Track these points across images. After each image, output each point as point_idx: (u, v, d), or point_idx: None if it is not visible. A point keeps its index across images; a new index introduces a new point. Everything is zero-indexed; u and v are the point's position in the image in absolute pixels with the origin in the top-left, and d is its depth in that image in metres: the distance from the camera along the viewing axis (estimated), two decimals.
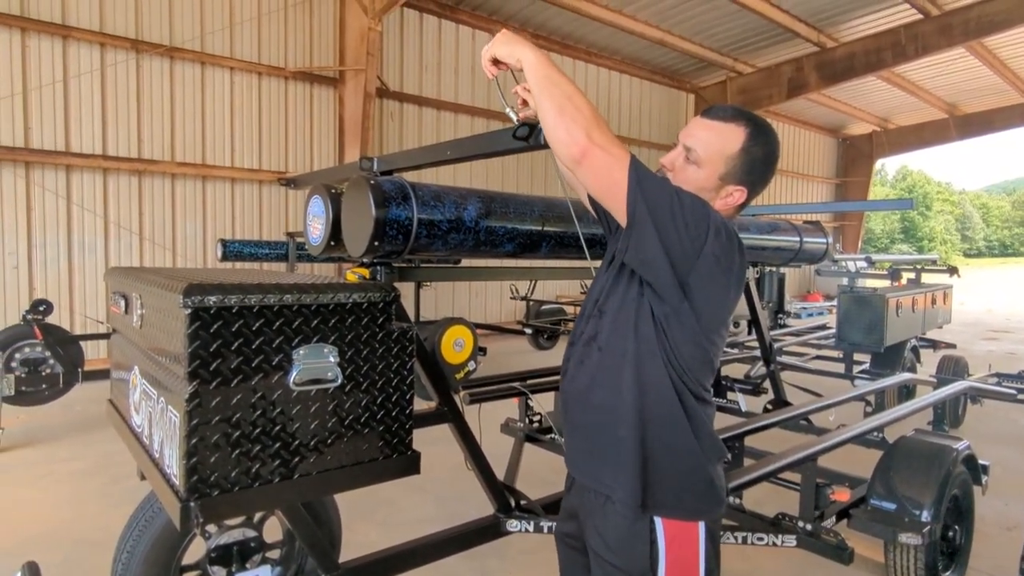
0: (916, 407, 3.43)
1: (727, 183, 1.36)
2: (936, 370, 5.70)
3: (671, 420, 1.32)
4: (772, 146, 1.38)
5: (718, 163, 1.34)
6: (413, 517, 3.45)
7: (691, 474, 1.34)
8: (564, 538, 1.57)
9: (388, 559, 2.08)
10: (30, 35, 6.68)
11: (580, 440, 1.45)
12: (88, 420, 5.12)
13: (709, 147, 1.35)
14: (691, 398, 1.32)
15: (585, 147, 1.18)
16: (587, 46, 12.02)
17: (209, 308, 1.32)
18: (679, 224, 1.20)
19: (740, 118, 1.36)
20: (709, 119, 1.37)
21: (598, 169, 1.21)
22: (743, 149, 1.34)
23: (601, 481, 1.38)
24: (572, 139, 1.19)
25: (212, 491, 1.36)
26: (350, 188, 1.92)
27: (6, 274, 6.70)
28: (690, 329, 1.29)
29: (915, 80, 14.59)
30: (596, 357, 1.40)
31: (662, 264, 1.22)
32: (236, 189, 8.21)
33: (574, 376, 1.45)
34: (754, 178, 1.37)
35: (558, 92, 1.22)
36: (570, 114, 1.20)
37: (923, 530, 2.40)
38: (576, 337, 1.49)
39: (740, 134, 1.34)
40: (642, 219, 1.20)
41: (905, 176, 55.01)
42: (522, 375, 3.21)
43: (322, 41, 8.78)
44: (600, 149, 1.19)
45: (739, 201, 1.39)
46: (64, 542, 3.07)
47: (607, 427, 1.36)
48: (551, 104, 1.22)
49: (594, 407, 1.39)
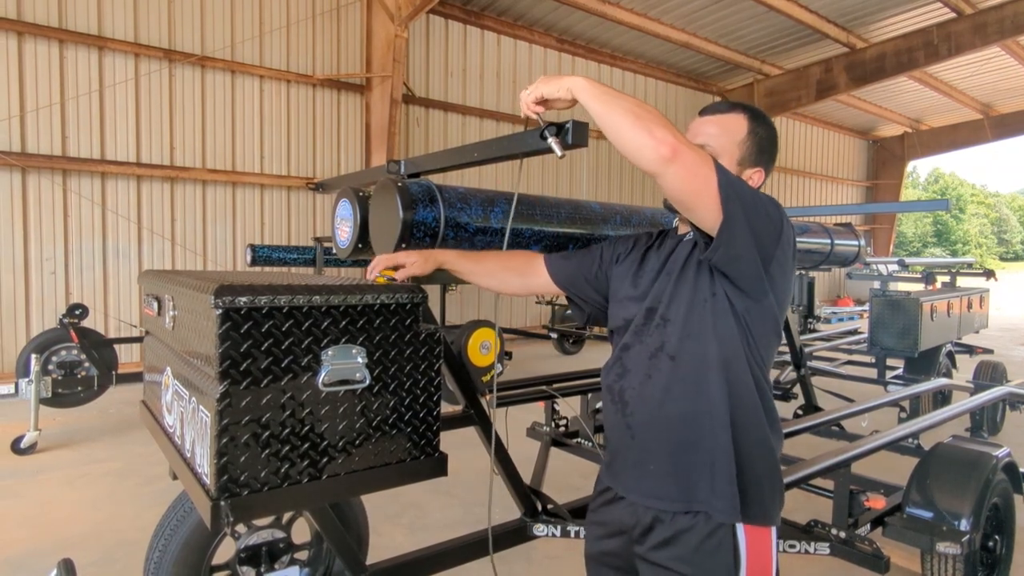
0: (953, 413, 3.34)
1: (745, 167, 1.41)
2: (973, 375, 5.55)
3: (756, 419, 1.32)
4: (772, 125, 1.45)
5: (732, 151, 1.39)
6: (439, 521, 3.45)
7: (772, 474, 1.34)
8: (602, 557, 1.48)
9: (415, 562, 2.08)
10: (68, 46, 6.87)
11: (659, 463, 1.35)
12: (122, 422, 5.23)
13: (720, 138, 1.40)
14: (766, 389, 1.34)
15: (674, 145, 1.17)
16: (612, 50, 11.99)
17: (240, 309, 1.33)
18: (762, 215, 1.24)
19: (736, 107, 1.43)
20: (709, 115, 1.44)
21: (689, 167, 1.18)
22: (750, 132, 1.40)
23: (693, 499, 1.31)
24: (659, 140, 1.16)
25: (242, 491, 1.37)
26: (378, 191, 1.93)
27: (44, 279, 6.89)
28: (771, 319, 1.32)
29: (948, 80, 14.27)
30: (667, 368, 1.34)
31: (751, 258, 1.25)
32: (265, 195, 8.35)
33: (641, 395, 1.38)
34: (766, 157, 1.43)
35: (624, 102, 1.21)
36: (646, 119, 1.18)
37: (962, 539, 2.32)
38: (615, 360, 1.44)
39: (742, 120, 1.41)
40: (735, 215, 1.21)
41: (938, 178, 53.82)
42: (548, 379, 3.20)
43: (349, 48, 8.89)
44: (687, 147, 1.18)
45: (759, 183, 1.43)
46: (100, 542, 3.13)
47: (696, 440, 1.31)
48: (623, 113, 1.19)
49: (676, 422, 1.33)
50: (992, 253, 50.65)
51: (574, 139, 1.33)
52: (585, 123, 1.36)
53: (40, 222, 6.83)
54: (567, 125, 1.33)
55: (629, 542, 1.38)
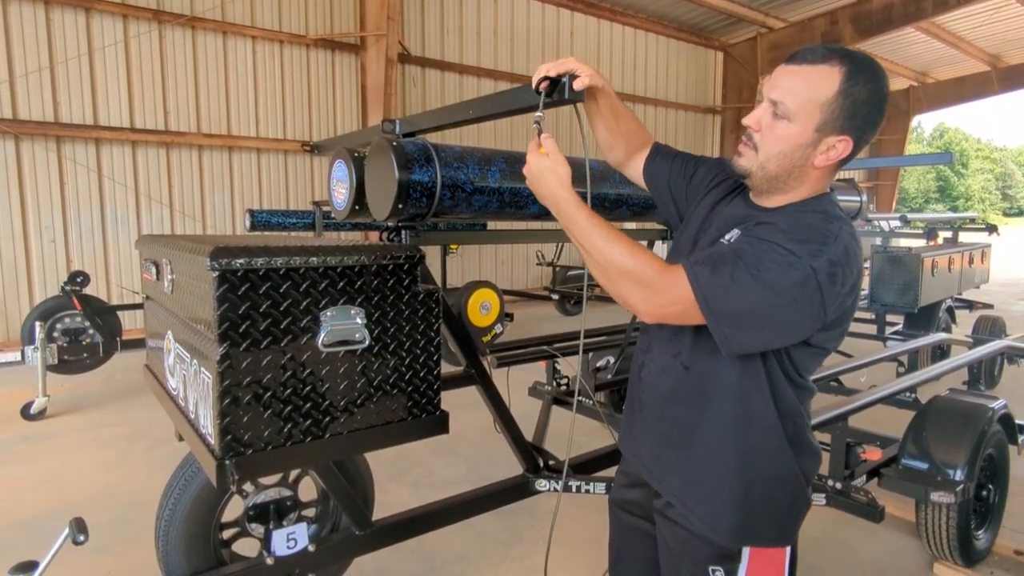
0: (950, 366, 3.37)
1: (826, 134, 1.14)
2: (972, 330, 5.58)
3: (774, 448, 1.22)
4: (879, 82, 1.14)
5: (813, 112, 1.13)
6: (444, 478, 3.51)
7: (792, 498, 1.25)
8: (624, 504, 1.50)
9: (420, 517, 2.13)
10: (53, 8, 6.72)
11: (652, 443, 1.36)
12: (129, 387, 5.29)
13: (799, 96, 1.14)
14: (796, 416, 1.24)
15: (651, 314, 1.14)
16: (611, 5, 11.71)
17: (236, 271, 1.33)
18: (780, 309, 1.07)
19: (833, 56, 1.13)
20: (795, 64, 1.16)
21: (674, 320, 1.16)
22: (841, 91, 1.12)
23: (674, 495, 1.29)
24: (632, 307, 1.14)
25: (246, 450, 1.40)
26: (373, 151, 1.91)
27: (44, 247, 6.88)
28: (819, 343, 1.20)
29: (956, 31, 13.94)
30: (679, 373, 1.28)
31: (786, 340, 1.15)
32: (262, 159, 8.27)
33: (655, 381, 1.34)
34: (859, 123, 1.14)
35: (596, 256, 1.15)
36: (617, 281, 1.14)
37: (956, 489, 2.37)
38: (649, 326, 1.36)
39: (835, 75, 1.12)
40: (731, 337, 1.10)
41: (942, 133, 53.08)
42: (549, 339, 3.22)
43: (343, 7, 8.69)
44: (663, 308, 1.13)
45: (844, 153, 1.16)
46: (112, 503, 3.20)
47: (690, 447, 1.27)
48: (597, 272, 1.17)
49: (673, 421, 1.30)
50: (996, 208, 50.30)
51: (570, 95, 1.30)
52: (577, 77, 1.33)
53: (36, 190, 6.79)
54: (563, 80, 1.31)
55: (649, 494, 1.40)
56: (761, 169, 1.20)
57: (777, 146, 1.17)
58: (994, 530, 2.79)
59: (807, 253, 1.07)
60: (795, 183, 1.20)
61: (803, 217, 1.16)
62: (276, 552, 1.83)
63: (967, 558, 2.60)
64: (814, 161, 1.17)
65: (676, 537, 1.31)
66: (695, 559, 1.28)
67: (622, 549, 1.53)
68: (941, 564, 2.64)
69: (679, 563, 1.31)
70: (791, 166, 1.18)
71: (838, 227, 1.13)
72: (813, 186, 1.21)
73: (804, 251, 1.07)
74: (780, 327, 1.10)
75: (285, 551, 1.85)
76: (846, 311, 1.16)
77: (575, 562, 2.67)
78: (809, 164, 1.18)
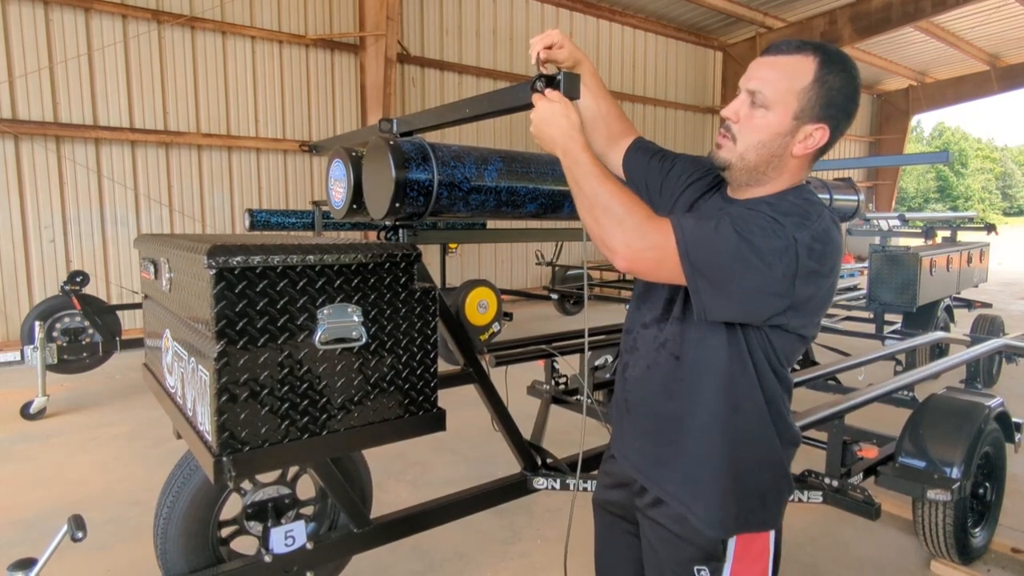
0: (948, 365, 3.37)
1: (804, 122, 1.17)
2: (971, 329, 5.58)
3: (761, 433, 1.24)
4: (851, 72, 1.18)
5: (789, 101, 1.16)
6: (442, 477, 3.52)
7: (776, 483, 1.27)
8: (606, 505, 1.51)
9: (418, 515, 2.13)
10: (53, 8, 6.72)
11: (643, 443, 1.35)
12: (128, 387, 5.30)
13: (775, 85, 1.17)
14: (779, 401, 1.25)
15: (628, 257, 1.13)
16: (611, 4, 11.72)
17: (233, 268, 1.34)
18: (757, 272, 1.08)
19: (806, 48, 1.18)
20: (770, 56, 1.21)
21: (648, 268, 1.15)
22: (816, 79, 1.16)
23: (672, 495, 1.29)
24: (611, 251, 1.13)
25: (243, 447, 1.40)
26: (370, 150, 1.92)
27: (43, 247, 6.89)
28: (794, 330, 1.20)
29: (955, 30, 13.95)
30: (668, 366, 1.28)
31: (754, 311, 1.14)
32: (261, 159, 8.27)
33: (641, 378, 1.35)
34: (835, 112, 1.17)
35: (587, 186, 1.16)
36: (603, 220, 1.14)
37: (952, 487, 2.38)
38: (634, 325, 1.39)
39: (809, 64, 1.16)
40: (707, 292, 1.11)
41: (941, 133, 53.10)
42: (547, 338, 3.22)
43: (342, 7, 8.69)
44: (641, 252, 1.12)
45: (821, 142, 1.19)
46: (112, 502, 3.21)
47: (682, 442, 1.28)
48: (583, 210, 1.18)
49: (665, 418, 1.30)
50: (996, 208, 50.30)
51: (565, 90, 1.30)
52: (577, 75, 1.33)
53: (36, 190, 6.79)
54: (558, 76, 1.31)
55: (631, 495, 1.40)
56: (740, 160, 1.22)
57: (756, 135, 1.19)
58: (991, 528, 2.80)
59: (791, 224, 1.10)
60: (774, 173, 1.22)
61: (786, 196, 1.20)
62: (274, 550, 1.84)
63: (964, 556, 2.61)
64: (792, 150, 1.20)
65: (659, 537, 1.31)
66: (679, 559, 1.28)
67: (606, 549, 1.54)
68: (938, 562, 2.64)
69: (663, 563, 1.31)
70: (770, 155, 1.20)
71: (819, 210, 1.16)
72: (791, 178, 1.24)
73: (788, 222, 1.10)
74: (752, 291, 1.10)
75: (283, 549, 1.85)
76: (821, 297, 1.15)
77: (576, 560, 2.67)
78: (788, 153, 1.20)
